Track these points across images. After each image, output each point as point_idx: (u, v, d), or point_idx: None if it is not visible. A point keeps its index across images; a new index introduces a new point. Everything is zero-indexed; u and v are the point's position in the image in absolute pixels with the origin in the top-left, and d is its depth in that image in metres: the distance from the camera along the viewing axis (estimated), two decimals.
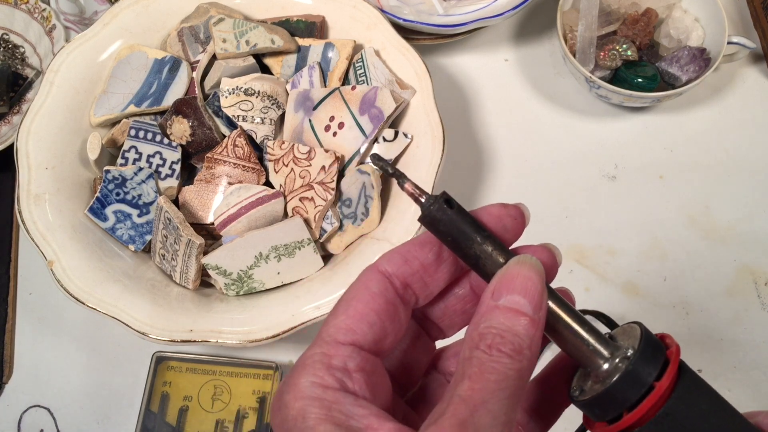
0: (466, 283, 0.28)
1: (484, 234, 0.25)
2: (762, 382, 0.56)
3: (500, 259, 0.25)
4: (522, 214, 0.28)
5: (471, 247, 0.25)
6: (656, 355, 0.24)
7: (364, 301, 0.25)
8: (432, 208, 0.25)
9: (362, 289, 0.25)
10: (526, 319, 0.23)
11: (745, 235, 0.61)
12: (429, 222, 0.25)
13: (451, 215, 0.25)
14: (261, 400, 0.54)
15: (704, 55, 0.61)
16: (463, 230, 0.25)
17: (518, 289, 0.23)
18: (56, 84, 0.57)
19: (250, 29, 0.58)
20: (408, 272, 0.26)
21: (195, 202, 0.56)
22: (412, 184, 0.25)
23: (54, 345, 0.59)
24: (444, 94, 0.67)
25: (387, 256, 0.26)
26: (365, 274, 0.26)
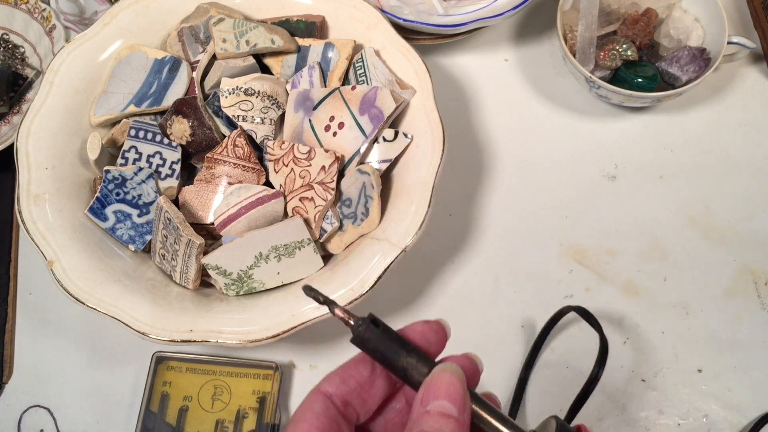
0: (402, 398, 0.31)
1: (409, 348, 0.28)
2: (762, 382, 0.56)
3: (425, 369, 0.28)
4: (443, 328, 0.31)
5: (398, 361, 0.27)
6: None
7: (309, 422, 0.27)
8: (360, 329, 0.28)
9: (307, 411, 0.28)
10: (452, 420, 0.26)
11: (745, 235, 0.61)
12: (360, 342, 0.28)
13: (377, 334, 0.28)
14: (261, 400, 0.54)
15: (704, 55, 0.61)
16: (389, 346, 0.28)
17: (443, 395, 0.26)
18: (56, 84, 0.57)
19: (250, 29, 0.58)
20: (346, 391, 0.29)
21: (195, 202, 0.56)
22: (342, 310, 0.28)
23: (54, 345, 0.59)
24: (444, 94, 0.67)
25: (327, 378, 0.29)
26: (309, 396, 0.29)
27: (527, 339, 0.58)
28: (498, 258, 0.61)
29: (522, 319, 0.59)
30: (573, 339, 0.58)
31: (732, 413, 0.55)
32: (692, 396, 0.56)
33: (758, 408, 0.55)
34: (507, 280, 0.60)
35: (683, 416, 0.55)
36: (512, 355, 0.57)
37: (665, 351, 0.57)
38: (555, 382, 0.56)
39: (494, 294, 0.60)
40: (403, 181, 0.54)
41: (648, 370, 0.57)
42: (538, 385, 0.56)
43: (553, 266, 0.60)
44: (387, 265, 0.49)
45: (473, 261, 0.61)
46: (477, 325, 0.59)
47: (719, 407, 0.55)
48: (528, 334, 0.58)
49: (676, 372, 0.56)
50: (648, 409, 0.55)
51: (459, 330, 0.59)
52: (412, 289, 0.60)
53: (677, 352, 0.57)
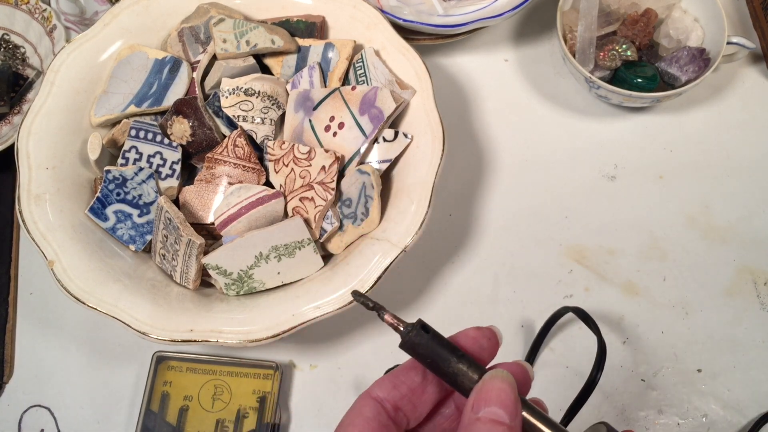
0: (452, 403, 0.31)
1: (459, 354, 0.28)
2: (762, 382, 0.56)
3: (475, 376, 0.27)
4: (495, 335, 0.31)
5: (449, 366, 0.27)
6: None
7: (359, 427, 0.27)
8: (411, 334, 0.28)
9: (357, 416, 0.28)
10: (504, 427, 0.25)
11: (744, 235, 0.61)
12: (409, 347, 0.28)
13: (428, 339, 0.28)
14: (261, 400, 0.54)
15: (704, 56, 0.61)
16: (439, 352, 0.28)
17: (494, 401, 0.26)
18: (57, 84, 0.57)
19: (250, 29, 0.58)
20: (397, 396, 0.29)
21: (195, 202, 0.56)
22: (392, 315, 0.28)
23: (54, 345, 0.59)
24: (444, 94, 0.67)
25: (378, 383, 0.29)
26: (359, 400, 0.29)
27: (527, 339, 0.58)
28: (498, 258, 0.61)
29: (522, 318, 0.59)
30: (572, 339, 0.58)
31: (731, 413, 0.55)
32: (692, 396, 0.56)
33: (757, 408, 0.55)
34: (507, 280, 0.60)
35: (683, 416, 0.55)
36: (512, 355, 0.58)
37: (665, 351, 0.57)
38: (554, 383, 0.56)
39: (494, 294, 0.60)
40: (403, 181, 0.54)
41: (647, 369, 0.57)
42: (538, 385, 0.56)
43: (553, 266, 0.60)
44: (387, 265, 0.49)
45: (473, 261, 0.61)
46: (477, 324, 0.58)
47: (719, 407, 0.55)
48: (528, 333, 0.58)
49: (676, 372, 0.57)
50: (647, 409, 0.55)
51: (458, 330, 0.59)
52: (412, 289, 0.60)
53: (677, 351, 0.57)
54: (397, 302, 0.60)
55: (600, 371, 0.51)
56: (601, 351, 0.51)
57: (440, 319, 0.59)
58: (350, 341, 0.58)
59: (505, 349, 0.58)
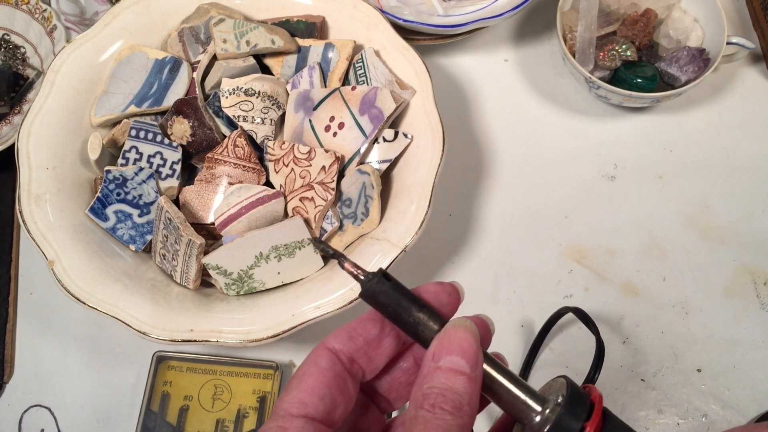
0: (410, 357, 0.31)
1: (420, 304, 0.27)
2: (762, 382, 0.56)
3: (436, 326, 0.27)
4: (456, 290, 0.30)
5: (409, 315, 0.27)
6: (581, 404, 0.26)
7: (314, 376, 0.27)
8: (371, 282, 0.27)
9: (312, 365, 0.28)
10: (464, 377, 0.25)
11: (744, 235, 0.61)
12: (369, 296, 0.27)
13: (389, 288, 0.27)
14: (261, 400, 0.54)
15: (703, 56, 0.62)
16: (400, 301, 0.27)
17: (456, 350, 0.26)
18: (57, 84, 0.57)
19: (250, 30, 0.58)
20: (353, 348, 0.28)
21: (195, 202, 0.56)
22: (351, 263, 0.28)
23: (55, 345, 0.59)
24: (444, 94, 0.67)
25: (334, 334, 0.29)
26: (315, 351, 0.28)
27: (527, 339, 0.58)
28: (498, 258, 0.61)
29: (521, 318, 0.59)
30: (573, 339, 0.58)
31: (731, 413, 0.55)
32: (691, 396, 0.56)
33: (757, 407, 0.55)
34: (506, 280, 0.60)
35: (682, 416, 0.55)
36: (512, 354, 0.58)
37: (664, 351, 0.57)
38: None
39: (494, 294, 0.60)
40: (403, 181, 0.54)
41: (647, 369, 0.57)
42: (538, 385, 0.56)
43: (553, 266, 0.60)
44: (387, 265, 0.49)
45: (473, 261, 0.61)
46: None
47: (718, 407, 0.55)
48: (527, 333, 0.58)
49: (676, 371, 0.57)
50: (647, 409, 0.55)
51: None
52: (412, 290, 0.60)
53: (676, 351, 0.57)
54: None
55: (598, 372, 0.51)
56: (599, 352, 0.51)
57: None
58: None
59: (505, 349, 0.58)
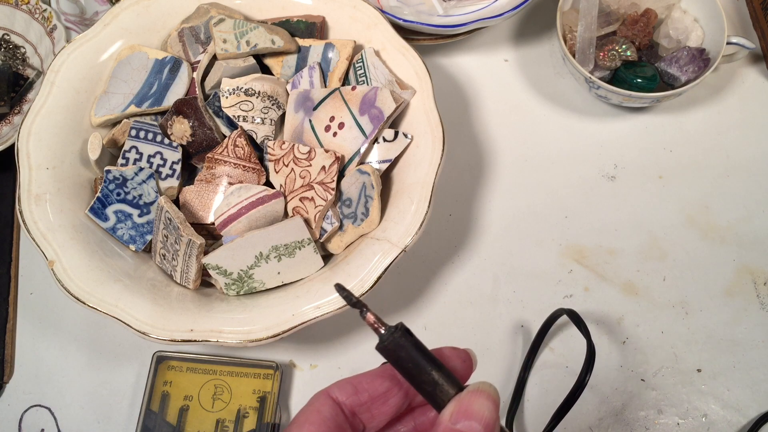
0: (410, 422, 0.30)
1: (438, 364, 0.27)
2: (762, 382, 0.56)
3: (451, 390, 0.26)
4: (470, 358, 0.30)
5: (427, 374, 0.26)
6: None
7: (317, 425, 0.27)
8: (394, 336, 0.26)
9: (314, 414, 0.27)
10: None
11: (744, 235, 0.61)
12: (386, 351, 0.27)
13: (409, 344, 0.26)
14: (261, 400, 0.54)
15: (703, 56, 0.62)
16: (419, 360, 0.26)
17: (475, 416, 0.25)
18: (57, 84, 0.57)
19: (250, 30, 0.58)
20: (357, 402, 0.28)
21: (195, 202, 0.56)
22: (374, 315, 0.27)
23: (55, 345, 0.59)
24: (444, 94, 0.67)
25: (338, 385, 0.28)
26: (317, 398, 0.28)
27: (527, 339, 0.58)
28: (497, 258, 0.61)
29: (521, 318, 0.59)
30: (573, 339, 0.58)
31: (731, 413, 0.55)
32: (691, 395, 0.56)
33: (757, 407, 0.55)
34: (506, 280, 0.60)
35: (682, 416, 0.55)
36: (512, 354, 0.58)
37: (664, 351, 0.57)
38: (554, 383, 0.56)
39: (494, 294, 0.60)
40: (403, 181, 0.54)
41: (647, 369, 0.57)
42: (538, 385, 0.57)
43: (553, 266, 0.60)
44: (387, 265, 0.49)
45: (473, 261, 0.61)
46: (477, 324, 0.59)
47: (718, 407, 0.55)
48: (527, 333, 0.58)
49: (676, 371, 0.57)
50: (647, 409, 0.55)
51: (459, 330, 0.59)
52: (412, 289, 0.60)
53: (676, 351, 0.57)
54: (397, 302, 0.60)
55: (589, 374, 0.50)
56: (590, 353, 0.50)
57: (440, 319, 0.59)
58: (350, 341, 0.58)
59: (505, 349, 0.58)
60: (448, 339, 0.59)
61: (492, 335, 0.58)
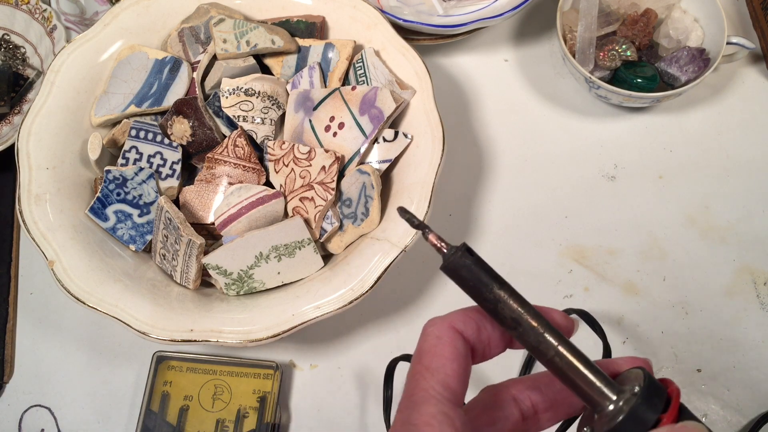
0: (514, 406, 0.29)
1: (501, 281, 0.27)
2: (762, 382, 0.56)
3: (515, 305, 0.27)
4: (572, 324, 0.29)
5: (490, 292, 0.26)
6: (658, 396, 0.26)
7: (455, 361, 0.26)
8: (455, 256, 0.27)
9: (448, 347, 0.26)
10: None
11: (744, 235, 0.61)
12: (451, 269, 0.27)
13: (471, 263, 0.27)
14: (261, 400, 0.54)
15: (703, 56, 0.62)
16: (481, 277, 0.27)
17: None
18: (57, 84, 0.57)
19: (250, 30, 0.58)
20: (478, 341, 0.28)
21: (195, 202, 0.56)
22: (436, 236, 0.27)
23: (55, 345, 0.59)
24: (444, 94, 0.67)
25: (461, 318, 0.28)
26: (443, 329, 0.27)
27: None
28: (498, 258, 0.61)
29: None
30: (575, 339, 0.57)
31: (731, 413, 0.55)
32: (691, 396, 0.56)
33: (757, 408, 0.55)
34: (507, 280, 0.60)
35: None
36: (512, 354, 0.58)
37: (664, 351, 0.57)
38: None
39: None
40: (403, 181, 0.54)
41: None
42: None
43: (553, 266, 0.60)
44: (387, 265, 0.49)
45: None
46: None
47: (718, 407, 0.55)
48: None
49: (676, 371, 0.57)
50: None
51: None
52: (412, 289, 0.60)
53: (676, 351, 0.57)
54: (397, 302, 0.60)
55: None
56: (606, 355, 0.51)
57: None
58: (350, 341, 0.58)
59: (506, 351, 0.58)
60: None
61: None
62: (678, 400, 0.26)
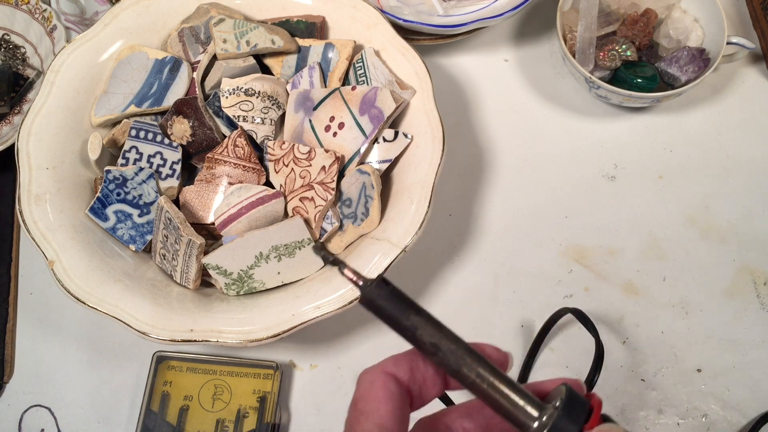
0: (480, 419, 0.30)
1: (417, 308, 0.27)
2: (762, 382, 0.56)
3: (434, 330, 0.27)
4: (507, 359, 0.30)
5: (407, 319, 0.27)
6: (579, 408, 0.26)
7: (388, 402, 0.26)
8: (370, 288, 0.27)
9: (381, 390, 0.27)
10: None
11: (744, 235, 0.61)
12: (368, 301, 0.27)
13: (387, 293, 0.27)
14: (261, 400, 0.54)
15: (703, 56, 0.62)
16: (397, 306, 0.27)
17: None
18: (57, 84, 0.57)
19: (250, 30, 0.58)
20: (413, 381, 0.28)
21: (195, 202, 0.56)
22: (351, 270, 0.28)
23: (55, 345, 0.59)
24: (444, 94, 0.67)
25: (394, 362, 0.28)
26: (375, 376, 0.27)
27: (527, 339, 0.58)
28: (497, 258, 0.61)
29: (522, 318, 0.59)
30: (573, 339, 0.58)
31: (731, 413, 0.55)
32: (691, 396, 0.56)
33: (757, 408, 0.55)
34: (507, 280, 0.60)
35: (682, 416, 0.55)
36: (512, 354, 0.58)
37: (664, 351, 0.57)
38: None
39: (494, 294, 0.60)
40: (403, 181, 0.54)
41: (647, 369, 0.57)
42: None
43: (553, 266, 0.60)
44: (387, 265, 0.49)
45: (473, 261, 0.61)
46: (477, 324, 0.59)
47: (718, 407, 0.55)
48: (528, 333, 0.58)
49: (676, 372, 0.57)
50: (647, 409, 0.55)
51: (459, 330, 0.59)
52: (412, 289, 0.60)
53: (676, 351, 0.57)
54: None
55: (597, 374, 0.50)
56: (598, 354, 0.51)
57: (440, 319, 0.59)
58: (350, 341, 0.58)
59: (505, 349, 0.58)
60: None
61: (492, 335, 0.58)
62: (599, 410, 0.26)
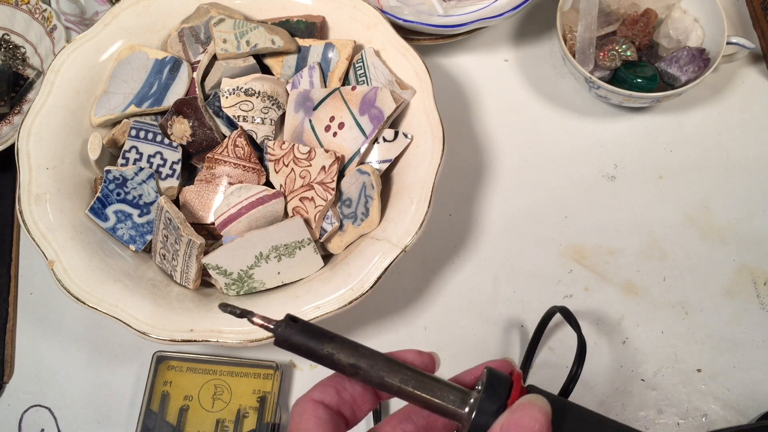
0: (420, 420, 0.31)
1: (330, 336, 0.29)
2: (762, 382, 0.56)
3: (349, 353, 0.28)
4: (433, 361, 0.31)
5: (322, 349, 0.28)
6: (500, 386, 0.27)
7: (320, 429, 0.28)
8: (280, 328, 0.28)
9: (311, 419, 0.28)
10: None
11: (744, 235, 0.61)
12: (283, 341, 0.28)
13: (297, 330, 0.28)
14: (261, 400, 0.54)
15: (703, 56, 0.62)
16: (310, 339, 0.28)
17: (527, 430, 0.25)
18: (57, 84, 0.57)
19: (250, 30, 0.58)
20: (341, 402, 0.29)
21: (195, 202, 0.56)
22: (260, 317, 0.29)
23: (55, 345, 0.59)
24: (444, 94, 0.67)
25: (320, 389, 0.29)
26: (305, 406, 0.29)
27: (526, 339, 0.58)
28: (497, 258, 0.61)
29: (521, 318, 0.59)
30: (572, 339, 0.57)
31: (731, 413, 0.55)
32: (691, 396, 0.56)
33: (757, 408, 0.55)
34: (507, 280, 0.60)
35: (682, 416, 0.55)
36: (512, 354, 0.58)
37: (664, 351, 0.57)
38: (554, 382, 0.56)
39: (494, 294, 0.60)
40: (403, 181, 0.54)
41: (647, 369, 0.57)
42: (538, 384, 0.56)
43: (553, 266, 0.60)
44: (387, 265, 0.49)
45: (473, 261, 0.61)
46: (477, 324, 0.59)
47: (718, 407, 0.55)
48: (527, 333, 0.58)
49: (676, 371, 0.57)
50: (647, 409, 0.55)
51: (458, 330, 0.59)
52: (412, 289, 0.60)
53: (676, 351, 0.57)
54: (397, 302, 0.60)
55: (580, 368, 0.50)
56: (581, 347, 0.51)
57: (440, 319, 0.59)
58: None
59: (506, 349, 0.58)
60: (448, 339, 0.59)
61: (492, 335, 0.58)
62: (519, 383, 0.27)
